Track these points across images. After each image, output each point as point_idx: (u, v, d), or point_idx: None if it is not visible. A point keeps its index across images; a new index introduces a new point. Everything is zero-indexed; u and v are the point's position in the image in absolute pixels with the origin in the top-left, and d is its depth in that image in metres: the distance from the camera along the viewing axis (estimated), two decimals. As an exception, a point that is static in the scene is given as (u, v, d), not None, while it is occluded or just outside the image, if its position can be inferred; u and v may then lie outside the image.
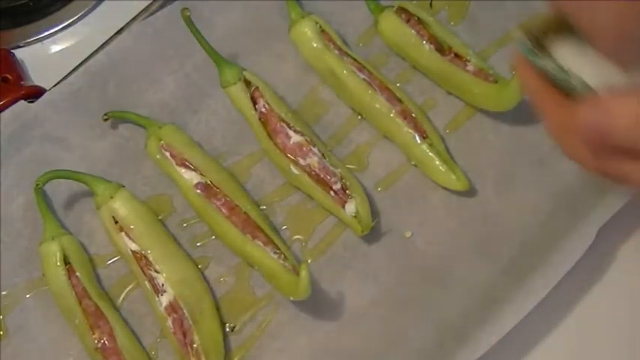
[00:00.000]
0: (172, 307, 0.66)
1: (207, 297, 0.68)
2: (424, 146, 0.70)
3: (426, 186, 0.71)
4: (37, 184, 0.70)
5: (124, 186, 0.71)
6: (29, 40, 0.84)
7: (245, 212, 0.68)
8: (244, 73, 0.73)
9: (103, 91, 0.76)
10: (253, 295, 0.69)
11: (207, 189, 0.69)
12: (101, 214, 0.70)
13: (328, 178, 0.69)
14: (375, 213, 0.70)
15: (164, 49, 0.78)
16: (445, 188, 0.70)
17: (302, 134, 0.71)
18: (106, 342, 0.66)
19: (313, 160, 0.69)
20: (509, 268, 0.66)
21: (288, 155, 0.70)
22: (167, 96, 0.76)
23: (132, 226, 0.68)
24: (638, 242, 0.68)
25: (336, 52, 0.73)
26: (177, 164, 0.71)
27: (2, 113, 0.75)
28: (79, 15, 0.84)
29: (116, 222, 0.69)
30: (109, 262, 0.71)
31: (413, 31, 0.73)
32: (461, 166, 0.70)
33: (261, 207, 0.71)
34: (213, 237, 0.71)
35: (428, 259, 0.68)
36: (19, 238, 0.72)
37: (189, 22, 0.72)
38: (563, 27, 0.47)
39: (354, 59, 0.73)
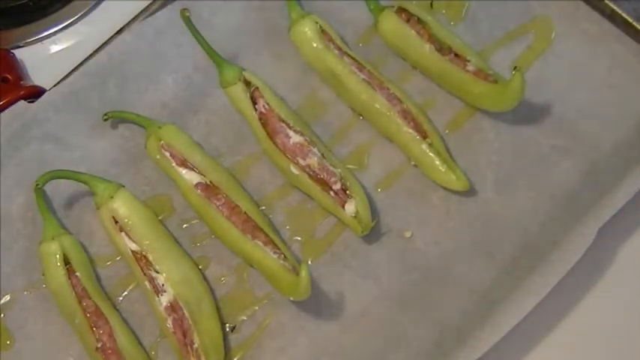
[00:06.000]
0: (172, 307, 0.66)
1: (207, 297, 0.68)
2: (424, 146, 0.70)
3: (426, 186, 0.71)
4: (37, 184, 0.70)
5: (124, 186, 0.71)
6: (29, 40, 0.84)
7: (245, 212, 0.68)
8: (244, 73, 0.73)
9: (103, 91, 0.76)
10: (253, 295, 0.69)
11: (207, 189, 0.69)
12: (101, 214, 0.70)
13: (328, 178, 0.69)
14: (375, 213, 0.70)
15: (164, 49, 0.78)
16: (445, 188, 0.70)
17: (302, 134, 0.70)
18: (106, 342, 0.66)
19: (313, 161, 0.69)
20: (509, 268, 0.66)
21: (288, 155, 0.70)
22: (167, 96, 0.76)
23: (132, 226, 0.68)
24: (638, 242, 0.68)
25: (336, 52, 0.73)
26: (177, 164, 0.71)
27: (2, 113, 0.75)
28: (79, 15, 0.84)
29: (116, 222, 0.69)
30: (109, 262, 0.71)
31: (413, 31, 0.73)
32: (461, 166, 0.70)
33: (261, 207, 0.71)
34: (213, 237, 0.71)
35: (428, 259, 0.68)
36: (19, 238, 0.72)
37: (188, 22, 0.72)
38: None
39: (354, 59, 0.73)
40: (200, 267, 0.70)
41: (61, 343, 0.69)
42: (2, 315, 0.70)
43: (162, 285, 0.67)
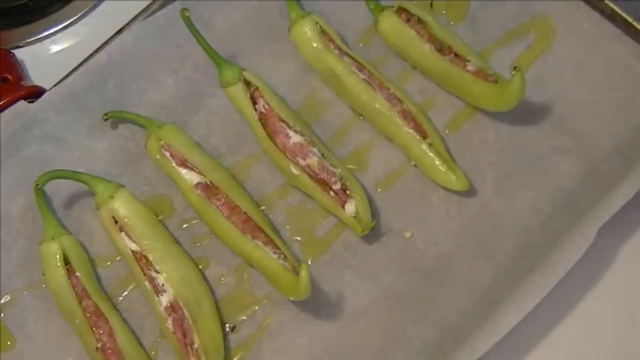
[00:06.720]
0: (172, 307, 0.66)
1: (207, 297, 0.68)
2: (424, 146, 0.70)
3: (426, 186, 0.71)
4: (37, 184, 0.70)
5: (124, 186, 0.71)
6: (29, 40, 0.84)
7: (245, 212, 0.68)
8: (244, 73, 0.73)
9: (102, 91, 0.76)
10: (253, 295, 0.69)
11: (207, 189, 0.69)
12: (101, 214, 0.70)
13: (328, 178, 0.69)
14: (375, 213, 0.70)
15: (164, 49, 0.78)
16: (445, 188, 0.70)
17: (302, 134, 0.70)
18: (106, 342, 0.66)
19: (313, 161, 0.69)
20: (509, 268, 0.66)
21: (288, 155, 0.70)
22: (167, 96, 0.76)
23: (132, 226, 0.68)
24: (638, 242, 0.68)
25: (336, 52, 0.73)
26: (177, 164, 0.71)
27: (2, 113, 0.75)
28: (79, 15, 0.85)
29: (116, 222, 0.69)
30: (109, 262, 0.71)
31: (413, 31, 0.73)
32: (461, 166, 0.70)
33: (261, 207, 0.71)
34: (213, 237, 0.71)
35: (428, 259, 0.68)
36: (19, 238, 0.72)
37: (188, 22, 0.72)
38: None
39: (354, 59, 0.73)
40: (200, 267, 0.70)
41: (61, 343, 0.69)
42: (2, 315, 0.70)
43: (162, 285, 0.67)
